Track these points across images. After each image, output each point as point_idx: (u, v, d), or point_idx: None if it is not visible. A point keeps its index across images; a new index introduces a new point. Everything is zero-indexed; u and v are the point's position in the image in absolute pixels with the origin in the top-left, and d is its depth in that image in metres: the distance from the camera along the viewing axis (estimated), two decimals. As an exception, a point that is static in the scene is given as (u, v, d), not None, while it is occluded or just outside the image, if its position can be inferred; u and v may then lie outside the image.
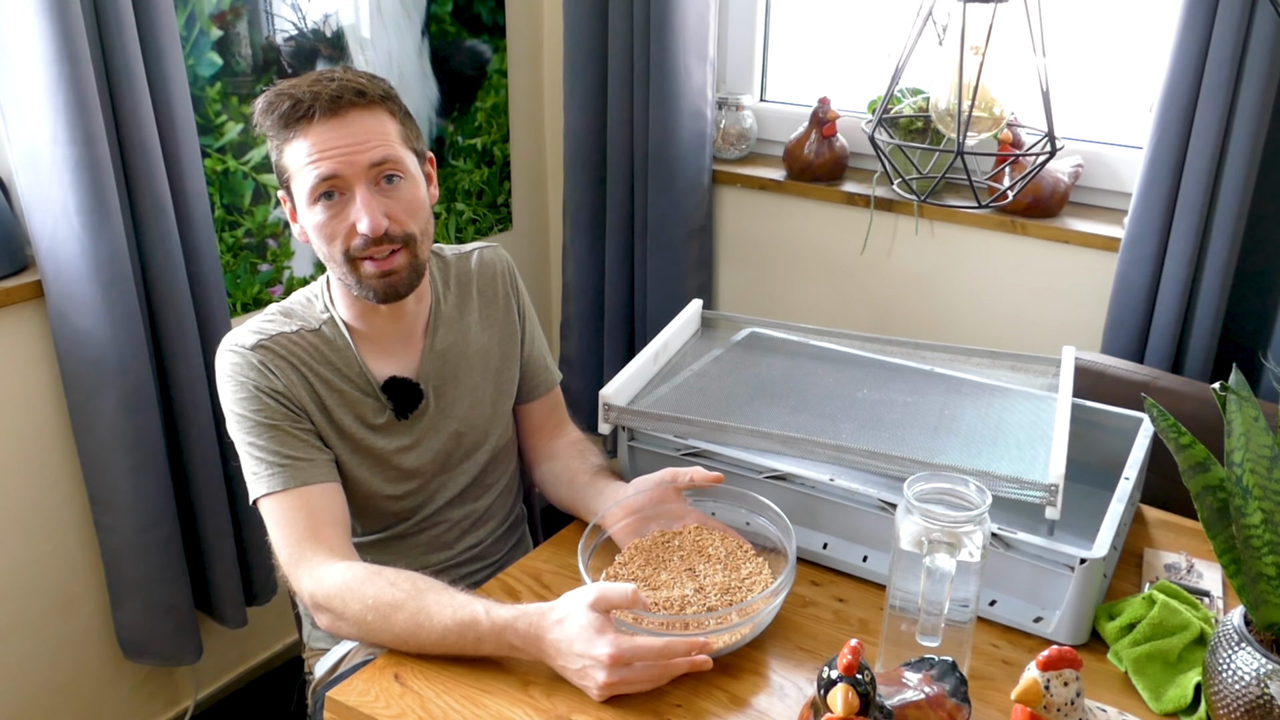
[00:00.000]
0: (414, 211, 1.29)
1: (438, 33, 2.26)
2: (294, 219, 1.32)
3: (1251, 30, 1.65)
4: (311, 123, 1.23)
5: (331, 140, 1.23)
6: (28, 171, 1.60)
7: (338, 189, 1.25)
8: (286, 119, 1.23)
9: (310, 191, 1.25)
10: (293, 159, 1.25)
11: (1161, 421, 1.00)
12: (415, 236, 1.29)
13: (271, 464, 1.28)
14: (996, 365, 1.56)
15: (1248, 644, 0.96)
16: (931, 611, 1.08)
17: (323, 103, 1.22)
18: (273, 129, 1.25)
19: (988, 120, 1.21)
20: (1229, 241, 1.75)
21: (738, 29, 2.35)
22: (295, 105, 1.23)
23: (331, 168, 1.23)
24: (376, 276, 1.28)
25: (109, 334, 1.67)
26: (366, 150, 1.24)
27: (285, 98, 1.23)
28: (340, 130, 1.23)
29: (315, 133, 1.23)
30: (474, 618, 1.12)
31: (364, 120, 1.24)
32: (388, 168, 1.26)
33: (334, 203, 1.25)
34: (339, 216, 1.26)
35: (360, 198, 1.24)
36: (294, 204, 1.30)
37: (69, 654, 1.91)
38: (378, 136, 1.25)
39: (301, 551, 1.25)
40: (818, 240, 2.30)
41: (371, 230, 1.24)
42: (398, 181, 1.27)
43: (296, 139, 1.24)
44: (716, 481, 1.29)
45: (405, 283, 1.30)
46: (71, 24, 1.51)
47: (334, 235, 1.26)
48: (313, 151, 1.23)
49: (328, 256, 1.29)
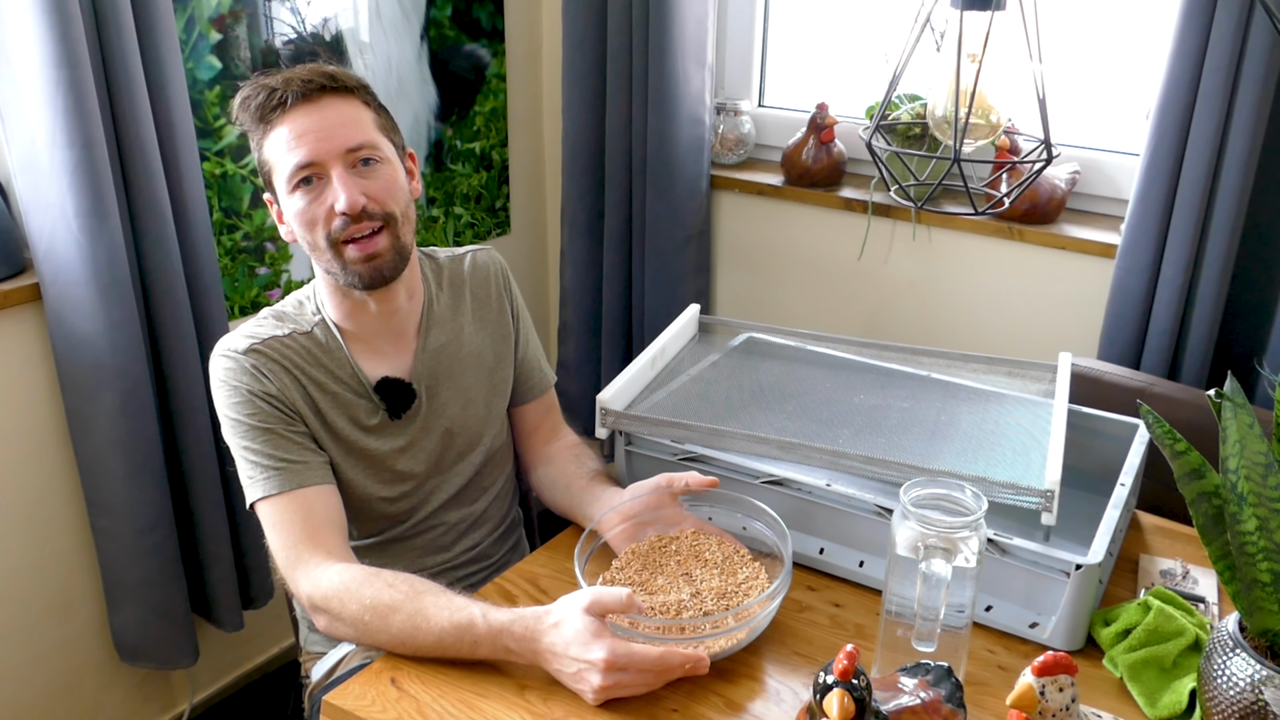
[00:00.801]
0: (392, 192, 1.30)
1: (436, 37, 2.26)
2: (280, 220, 1.33)
3: (1248, 38, 1.65)
4: (287, 109, 1.25)
5: (307, 126, 1.25)
6: (26, 174, 1.61)
7: (316, 174, 1.26)
8: (262, 109, 1.26)
9: (289, 179, 1.26)
10: (272, 149, 1.27)
11: (1157, 428, 1.00)
12: (395, 216, 1.30)
13: (266, 468, 1.28)
14: (993, 371, 1.57)
15: (1242, 650, 0.96)
16: (927, 617, 1.08)
17: (295, 88, 1.25)
18: (251, 122, 1.28)
19: (985, 127, 1.21)
20: (1225, 248, 1.76)
21: (736, 34, 2.36)
22: (270, 94, 1.26)
23: (308, 154, 1.25)
24: (361, 260, 1.28)
25: (107, 337, 1.67)
26: (342, 134, 1.26)
27: (260, 89, 1.26)
28: (315, 116, 1.25)
29: (291, 119, 1.25)
30: (470, 620, 1.13)
31: (338, 106, 1.27)
32: (364, 152, 1.27)
33: (312, 188, 1.27)
34: (318, 200, 1.27)
35: (337, 177, 1.26)
36: (279, 202, 1.31)
37: (65, 657, 1.91)
38: (352, 122, 1.27)
39: (299, 554, 1.25)
40: (815, 246, 2.30)
41: (349, 207, 1.25)
42: (375, 165, 1.29)
43: (274, 128, 1.26)
44: (711, 486, 1.29)
45: (390, 265, 1.30)
46: (71, 28, 1.51)
47: (314, 220, 1.27)
48: (290, 137, 1.25)
49: (311, 245, 1.30)
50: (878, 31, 2.26)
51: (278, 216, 1.33)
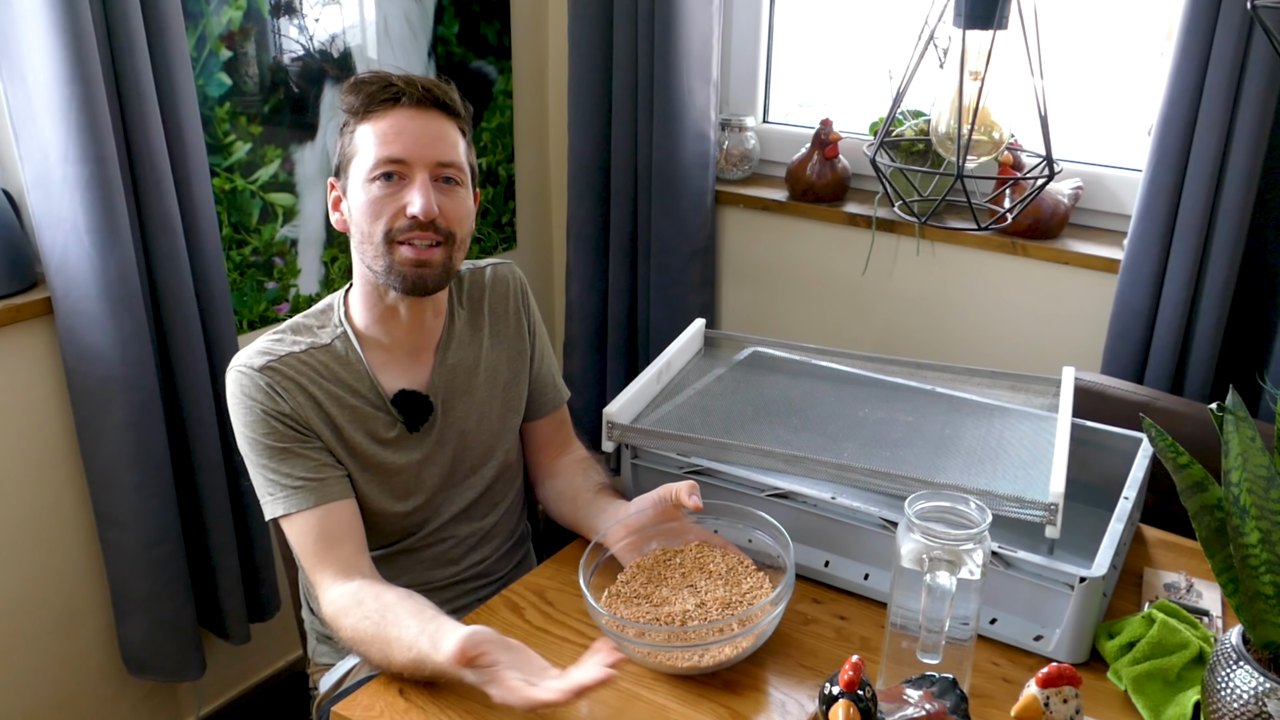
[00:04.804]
0: (462, 216, 1.33)
1: (444, 54, 2.28)
2: (335, 208, 1.35)
3: (1249, 54, 1.66)
4: (397, 105, 1.28)
5: (409, 128, 1.28)
6: (39, 190, 1.62)
7: (400, 173, 1.28)
8: (374, 97, 1.28)
9: (373, 167, 1.28)
10: (364, 137, 1.29)
11: (1160, 441, 1.01)
12: (457, 239, 1.32)
13: (285, 486, 1.29)
14: (997, 385, 1.57)
15: (1246, 663, 0.97)
16: (932, 629, 1.09)
17: (415, 92, 1.29)
18: (357, 104, 1.30)
19: (988, 144, 1.22)
20: (1227, 263, 1.77)
21: (741, 51, 2.38)
22: (387, 87, 1.28)
23: (402, 151, 1.27)
24: (411, 263, 1.29)
25: (117, 350, 1.68)
26: (438, 147, 1.29)
27: (379, 78, 1.29)
28: (419, 121, 1.29)
29: (396, 116, 1.28)
30: (422, 656, 1.12)
31: (442, 123, 1.31)
32: (451, 171, 1.31)
33: (392, 184, 1.28)
34: (393, 196, 1.28)
35: (420, 182, 1.28)
36: (343, 190, 1.33)
37: (72, 669, 1.92)
38: (450, 141, 1.31)
39: (313, 574, 1.29)
40: (820, 260, 2.31)
41: (424, 212, 1.27)
42: (455, 187, 1.32)
43: (377, 118, 1.28)
44: (695, 510, 1.29)
45: (435, 279, 1.32)
46: (84, 44, 1.53)
47: (381, 213, 1.29)
48: (389, 132, 1.28)
49: (366, 236, 1.30)
50: (881, 49, 2.28)
51: (333, 204, 1.35)
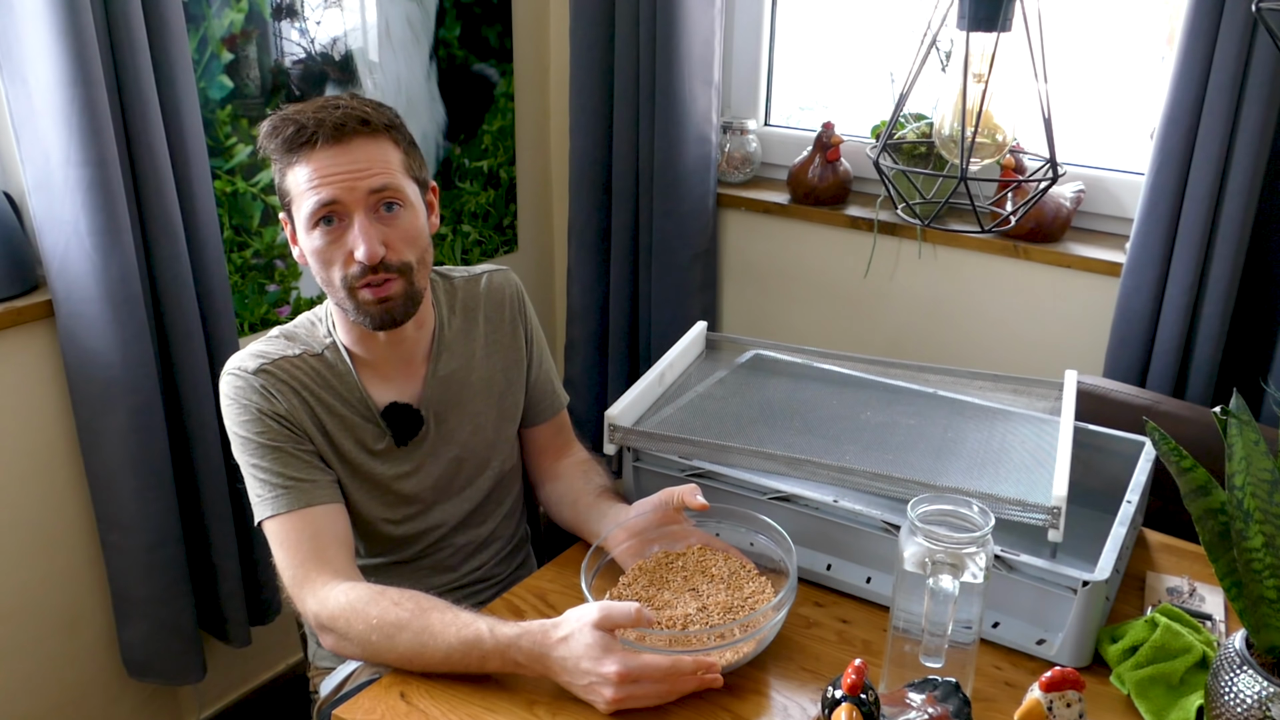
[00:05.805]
0: (412, 240, 1.29)
1: (445, 57, 2.28)
2: (294, 242, 1.33)
3: (1251, 57, 1.66)
4: (315, 148, 1.24)
5: (333, 166, 1.24)
6: (40, 192, 1.62)
7: (337, 214, 1.25)
8: (290, 143, 1.24)
9: (310, 216, 1.25)
10: (294, 183, 1.26)
11: (1163, 445, 1.01)
12: (412, 265, 1.30)
13: (275, 485, 1.29)
14: (999, 388, 1.57)
15: (1249, 667, 0.96)
16: (935, 633, 1.08)
17: (326, 129, 1.23)
18: (276, 153, 1.27)
19: (990, 146, 1.22)
20: (1230, 267, 1.77)
21: (742, 54, 2.38)
22: (299, 130, 1.24)
23: (331, 193, 1.24)
24: (373, 303, 1.28)
25: (118, 353, 1.68)
26: (367, 177, 1.25)
27: (290, 123, 1.24)
28: (342, 157, 1.24)
29: (318, 158, 1.24)
30: (478, 636, 1.13)
31: (367, 148, 1.25)
32: (387, 195, 1.26)
33: (333, 228, 1.26)
34: (337, 243, 1.26)
35: (359, 224, 1.25)
36: (294, 227, 1.31)
37: (73, 672, 1.92)
38: (379, 164, 1.26)
39: (305, 573, 1.26)
40: (821, 263, 2.31)
41: (368, 258, 1.24)
42: (397, 210, 1.28)
43: (299, 164, 1.25)
44: (702, 509, 1.29)
45: (401, 310, 1.30)
46: (86, 47, 1.53)
47: (331, 261, 1.27)
48: (314, 177, 1.24)
49: (325, 281, 1.30)
50: (883, 51, 2.28)
51: (291, 238, 1.33)
